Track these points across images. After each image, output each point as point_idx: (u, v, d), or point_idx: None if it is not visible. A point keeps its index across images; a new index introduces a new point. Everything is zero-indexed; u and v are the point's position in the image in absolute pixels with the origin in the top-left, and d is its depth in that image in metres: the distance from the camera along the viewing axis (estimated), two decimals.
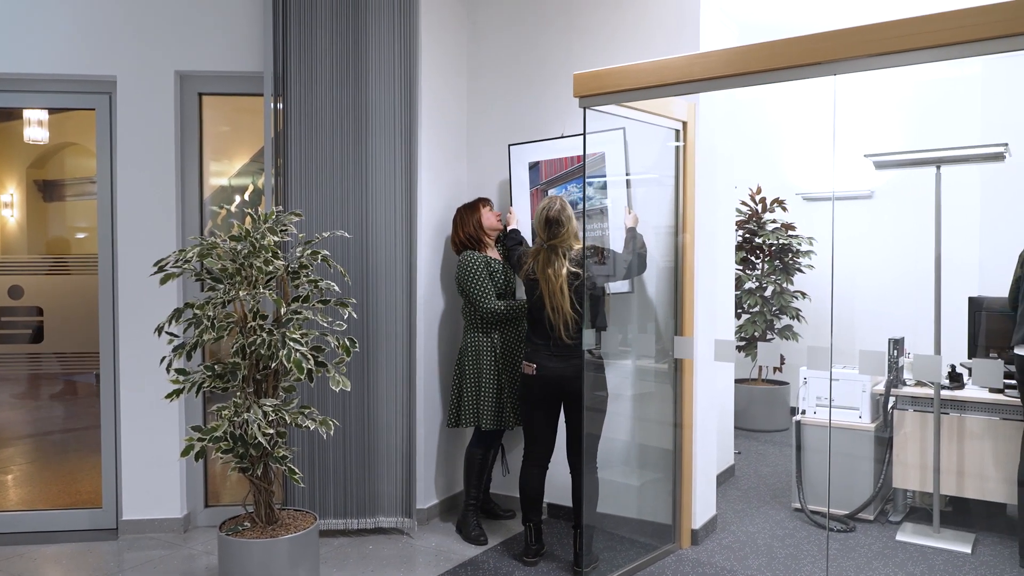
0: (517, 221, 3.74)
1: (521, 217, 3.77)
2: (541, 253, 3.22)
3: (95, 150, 3.69)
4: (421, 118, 3.67)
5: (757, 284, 5.89)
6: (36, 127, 3.82)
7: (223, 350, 3.73)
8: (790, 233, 5.86)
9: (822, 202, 6.08)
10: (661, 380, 3.60)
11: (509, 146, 3.84)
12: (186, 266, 2.80)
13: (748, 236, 5.94)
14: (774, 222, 5.95)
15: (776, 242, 5.82)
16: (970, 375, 3.70)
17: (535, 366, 3.23)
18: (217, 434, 2.69)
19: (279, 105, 3.53)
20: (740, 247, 5.89)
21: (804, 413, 4.08)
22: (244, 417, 2.70)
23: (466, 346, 3.61)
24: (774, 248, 5.89)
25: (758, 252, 5.97)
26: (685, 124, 3.41)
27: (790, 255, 5.87)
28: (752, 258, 5.98)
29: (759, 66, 2.50)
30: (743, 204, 5.99)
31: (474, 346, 3.58)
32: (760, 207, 5.99)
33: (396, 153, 3.57)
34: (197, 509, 3.77)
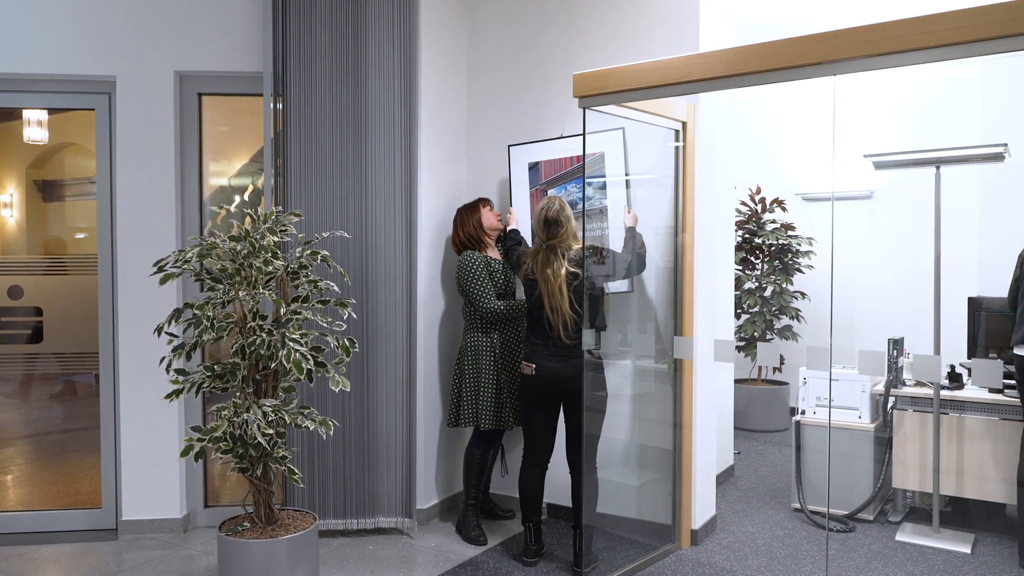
0: (517, 221, 3.74)
1: (521, 217, 3.77)
2: (540, 253, 3.22)
3: (95, 150, 3.69)
4: (421, 117, 3.67)
5: (757, 284, 5.89)
6: (36, 127, 3.82)
7: (223, 350, 3.74)
8: (790, 233, 5.86)
9: (822, 202, 6.08)
10: (661, 380, 3.60)
11: (509, 147, 3.84)
12: (186, 266, 2.80)
13: (748, 236, 5.94)
14: (774, 222, 5.95)
15: (776, 242, 5.82)
16: (969, 375, 3.70)
17: (534, 366, 3.23)
18: (217, 434, 2.69)
19: (279, 105, 3.53)
20: (740, 247, 5.89)
21: (804, 413, 4.08)
22: (244, 417, 2.70)
23: (466, 346, 3.61)
24: (774, 248, 5.89)
25: (758, 252, 5.98)
26: (685, 124, 3.41)
27: (790, 255, 5.87)
28: (752, 258, 5.99)
29: (759, 66, 2.50)
30: (743, 204, 5.99)
31: (474, 346, 3.58)
32: (760, 207, 5.99)
33: (396, 153, 3.57)
34: (197, 509, 3.77)
